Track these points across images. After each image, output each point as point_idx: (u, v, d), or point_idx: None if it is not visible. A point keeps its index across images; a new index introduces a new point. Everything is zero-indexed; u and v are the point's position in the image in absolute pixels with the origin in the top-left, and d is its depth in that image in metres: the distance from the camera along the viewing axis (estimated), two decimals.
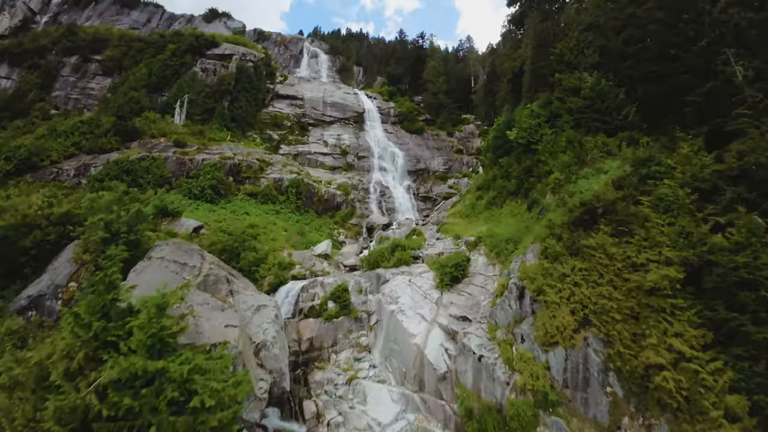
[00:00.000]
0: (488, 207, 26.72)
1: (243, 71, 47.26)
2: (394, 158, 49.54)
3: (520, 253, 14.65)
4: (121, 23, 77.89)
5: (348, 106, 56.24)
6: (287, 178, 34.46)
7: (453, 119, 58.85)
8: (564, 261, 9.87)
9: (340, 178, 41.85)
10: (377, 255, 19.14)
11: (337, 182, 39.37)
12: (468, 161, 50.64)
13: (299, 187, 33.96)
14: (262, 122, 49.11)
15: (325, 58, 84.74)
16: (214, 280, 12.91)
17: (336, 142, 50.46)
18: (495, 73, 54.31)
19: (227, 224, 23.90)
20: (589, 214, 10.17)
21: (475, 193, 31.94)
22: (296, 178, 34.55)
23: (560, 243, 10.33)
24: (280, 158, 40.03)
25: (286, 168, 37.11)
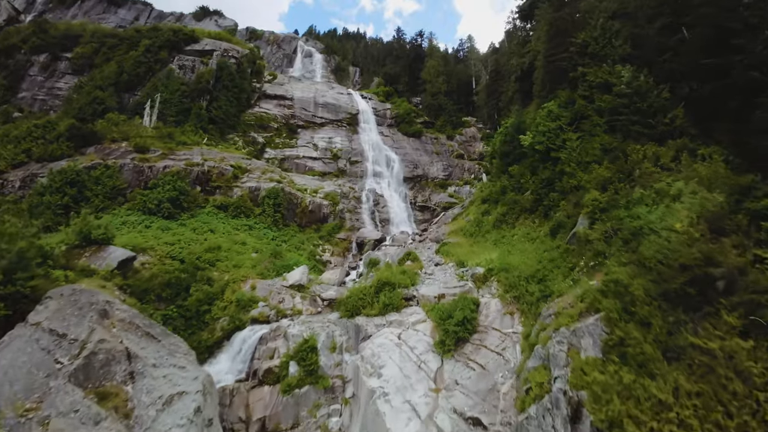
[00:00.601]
0: (497, 225, 22.52)
1: (224, 68, 43.14)
2: (389, 163, 45.39)
3: (551, 302, 10.46)
4: (107, 21, 73.80)
5: (341, 107, 52.14)
6: (265, 187, 30.25)
7: (453, 122, 54.77)
8: (658, 371, 5.65)
9: (329, 186, 37.67)
10: (358, 297, 14.90)
11: (325, 190, 35.19)
12: (470, 167, 46.47)
13: (278, 197, 29.74)
14: (245, 124, 44.95)
15: (320, 58, 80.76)
16: (105, 360, 8.68)
17: (327, 145, 46.32)
18: (499, 73, 50.25)
19: (181, 247, 19.67)
20: (696, 284, 5.97)
21: (481, 207, 27.75)
22: (276, 187, 30.35)
23: (647, 334, 6.09)
24: (261, 164, 35.83)
25: (266, 175, 32.91)
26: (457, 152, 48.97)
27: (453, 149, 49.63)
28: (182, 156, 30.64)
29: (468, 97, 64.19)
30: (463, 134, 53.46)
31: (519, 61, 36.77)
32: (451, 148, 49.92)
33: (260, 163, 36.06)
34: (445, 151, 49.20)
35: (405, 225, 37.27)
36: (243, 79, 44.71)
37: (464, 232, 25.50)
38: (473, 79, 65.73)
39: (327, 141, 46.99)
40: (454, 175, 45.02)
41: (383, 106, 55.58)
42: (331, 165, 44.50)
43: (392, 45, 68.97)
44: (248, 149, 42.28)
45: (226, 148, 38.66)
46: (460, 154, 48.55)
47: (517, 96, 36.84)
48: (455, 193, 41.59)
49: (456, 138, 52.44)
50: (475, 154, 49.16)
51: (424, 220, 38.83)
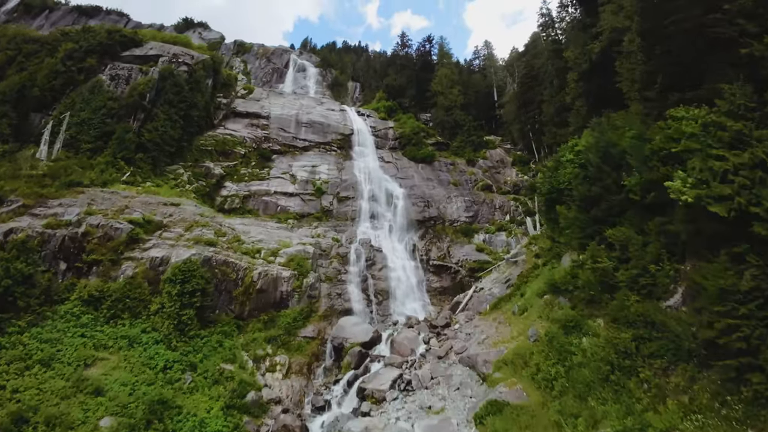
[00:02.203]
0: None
1: (168, 78, 32.29)
2: (391, 200, 33.50)
3: None
4: None
5: (330, 127, 40.89)
6: (180, 257, 18.44)
7: (473, 142, 42.96)
8: None
9: (302, 238, 25.77)
10: None
11: (291, 250, 23.25)
12: (502, 203, 34.21)
13: (194, 277, 17.79)
14: (199, 150, 33.77)
15: (314, 72, 70.61)
16: None
17: (309, 176, 34.81)
18: (535, 78, 38.54)
19: None
20: None
21: (543, 293, 15.44)
22: (195, 257, 18.57)
23: None
24: (192, 212, 24.15)
25: (192, 232, 21.23)
26: (481, 182, 36.88)
27: (476, 178, 37.59)
28: (53, 208, 19.13)
29: (489, 112, 52.58)
30: (487, 158, 41.49)
31: (580, 52, 24.86)
32: (473, 176, 37.89)
33: (192, 208, 24.33)
34: (465, 181, 37.17)
35: (413, 299, 24.96)
36: (197, 92, 33.76)
37: (521, 356, 13.04)
38: (494, 91, 54.23)
39: (309, 170, 35.50)
40: (481, 215, 32.78)
41: (384, 125, 44.20)
42: (313, 203, 32.82)
43: (396, 53, 58.21)
44: (197, 185, 30.95)
45: (156, 186, 27.29)
46: (487, 185, 36.42)
47: (581, 102, 24.86)
48: (486, 244, 29.29)
49: (479, 163, 40.46)
50: (507, 185, 36.98)
51: (443, 289, 26.47)
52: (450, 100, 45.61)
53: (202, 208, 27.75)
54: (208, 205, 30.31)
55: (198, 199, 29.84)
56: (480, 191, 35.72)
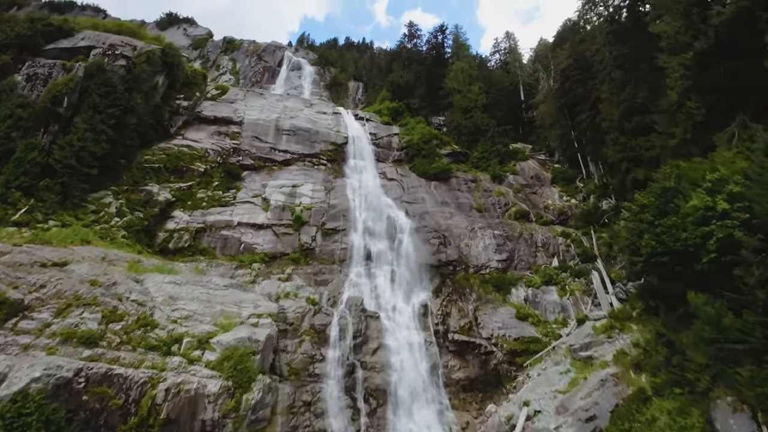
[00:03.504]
0: None
1: (97, 75, 24.30)
2: (394, 234, 24.96)
3: None
4: None
5: (319, 135, 32.59)
6: (17, 381, 10.16)
7: (499, 152, 34.22)
8: None
9: (257, 305, 17.33)
10: None
11: (227, 339, 14.69)
12: (546, 239, 25.27)
13: (29, 418, 9.41)
14: (140, 169, 25.71)
15: (311, 71, 62.44)
16: None
17: (286, 200, 26.52)
18: (585, 70, 29.63)
19: None
20: None
21: None
22: (49, 377, 10.58)
23: None
24: (88, 274, 15.85)
25: (65, 317, 13.02)
26: (514, 207, 28.04)
27: (506, 201, 28.78)
28: None
29: (515, 114, 43.71)
30: (518, 172, 32.66)
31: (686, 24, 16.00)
32: (501, 198, 29.09)
33: (83, 273, 15.92)
34: (492, 205, 28.40)
35: (425, 401, 16.29)
36: (136, 92, 25.65)
37: None
38: (521, 89, 45.32)
39: (288, 192, 27.19)
40: (517, 257, 23.95)
41: (388, 131, 35.74)
42: (289, 239, 24.47)
43: (402, 46, 49.61)
44: (130, 218, 22.89)
45: (58, 227, 19.25)
46: (522, 211, 27.55)
47: (695, 100, 15.93)
48: (528, 305, 20.47)
49: (508, 180, 31.66)
50: (549, 211, 28.02)
51: (469, 382, 17.68)
52: (469, 99, 36.94)
53: (124, 253, 19.66)
54: (143, 244, 22.35)
55: (129, 239, 21.91)
56: (513, 220, 26.89)
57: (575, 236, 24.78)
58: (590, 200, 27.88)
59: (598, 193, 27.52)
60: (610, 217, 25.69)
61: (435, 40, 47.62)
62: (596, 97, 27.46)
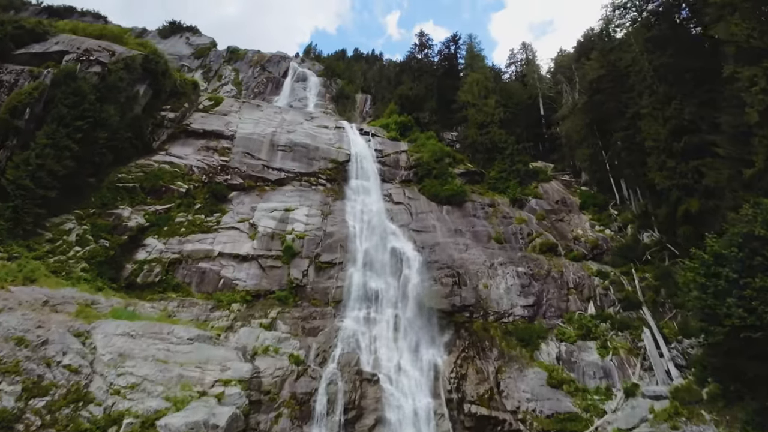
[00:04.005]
0: None
1: (65, 84, 21.40)
2: (399, 269, 21.38)
3: None
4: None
5: (318, 151, 29.39)
6: None
7: (518, 172, 30.63)
8: None
9: (224, 366, 13.82)
10: None
11: (177, 422, 11.16)
12: (578, 279, 21.38)
13: None
14: (112, 189, 22.63)
15: (316, 82, 59.74)
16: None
17: (277, 226, 23.20)
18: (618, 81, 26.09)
19: None
20: None
21: None
22: None
23: None
24: (14, 327, 12.45)
25: None
26: (539, 237, 24.30)
27: (530, 230, 25.04)
28: None
29: (533, 130, 40.20)
30: (541, 195, 28.97)
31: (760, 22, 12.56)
32: (523, 226, 25.38)
33: (12, 323, 12.60)
34: (513, 234, 24.69)
35: None
36: (111, 103, 22.68)
37: None
38: (540, 104, 41.88)
39: (280, 217, 23.87)
40: (546, 300, 20.11)
41: (395, 147, 32.43)
42: (277, 273, 21.08)
43: (411, 56, 46.61)
44: (94, 246, 19.77)
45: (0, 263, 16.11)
46: (550, 244, 23.75)
47: None
48: (562, 366, 16.60)
49: (530, 204, 27.96)
50: (580, 243, 24.11)
51: None
52: (485, 113, 33.56)
53: (79, 292, 16.48)
54: (106, 279, 19.19)
55: (89, 273, 18.85)
56: (539, 254, 23.10)
57: (614, 276, 20.91)
58: (628, 232, 24.08)
59: (638, 223, 23.74)
60: (654, 253, 21.87)
61: (447, 50, 44.63)
62: (634, 113, 23.85)
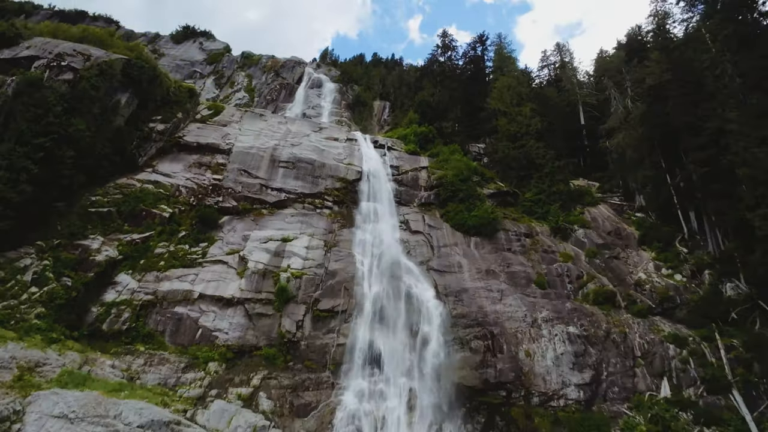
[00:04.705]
0: None
1: (31, 94, 18.16)
2: (417, 324, 17.02)
3: None
4: None
5: (325, 168, 25.47)
6: None
7: (560, 193, 25.83)
8: None
9: None
10: None
11: None
12: (646, 345, 16.42)
13: None
14: (83, 216, 19.31)
15: (332, 89, 56.23)
16: None
17: (270, 260, 19.44)
18: (692, 86, 21.04)
19: None
20: None
21: None
22: None
23: None
24: None
25: None
26: (592, 282, 19.45)
27: (578, 271, 20.23)
28: None
29: (572, 142, 35.18)
30: (589, 224, 24.07)
31: None
32: (570, 265, 20.58)
33: None
34: (559, 276, 19.91)
35: None
36: (81, 115, 19.33)
37: None
38: (581, 112, 36.86)
39: (275, 249, 20.06)
40: (606, 376, 15.32)
41: (413, 163, 28.20)
42: (266, 323, 17.23)
43: (433, 58, 42.24)
44: (54, 286, 16.55)
45: None
46: (607, 293, 18.79)
47: None
48: None
49: (576, 235, 23.13)
50: (644, 291, 19.06)
51: None
52: (518, 124, 28.94)
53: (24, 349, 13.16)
54: (65, 326, 15.84)
55: (45, 320, 15.64)
56: (592, 304, 18.29)
57: (693, 343, 15.92)
58: (704, 279, 18.98)
59: (718, 269, 18.62)
60: (743, 312, 16.80)
61: (473, 52, 40.14)
62: (717, 129, 18.85)
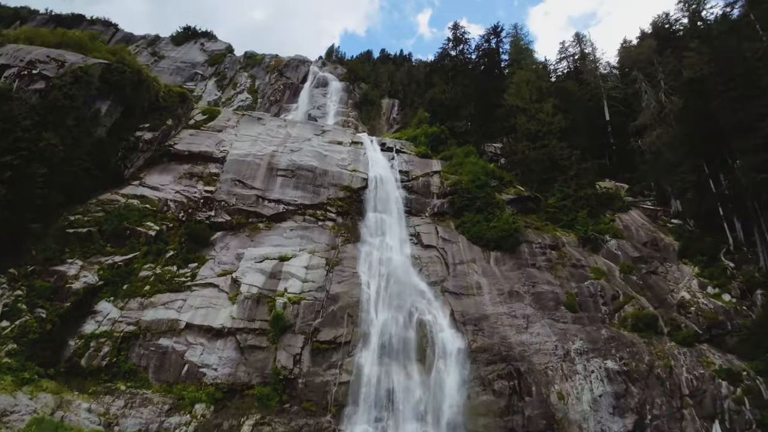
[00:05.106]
0: None
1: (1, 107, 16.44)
2: (431, 357, 14.77)
3: None
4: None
5: (327, 175, 23.35)
6: None
7: (587, 198, 23.24)
8: None
9: None
10: None
11: None
12: (696, 381, 13.90)
13: None
14: (60, 238, 17.62)
15: (338, 88, 53.98)
16: None
17: (266, 283, 17.53)
18: (740, 79, 18.25)
19: None
20: None
21: None
22: None
23: None
24: None
25: None
26: (629, 304, 16.93)
27: (613, 290, 17.72)
28: None
29: (597, 139, 32.33)
30: (621, 233, 21.44)
31: None
32: (603, 283, 18.06)
33: None
34: (592, 297, 17.42)
35: None
36: (54, 128, 17.52)
37: None
38: (605, 105, 33.98)
39: (270, 270, 18.18)
40: (651, 420, 12.86)
41: (425, 167, 25.91)
42: (259, 357, 15.26)
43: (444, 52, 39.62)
44: (26, 320, 14.92)
45: None
46: (648, 317, 16.24)
47: None
48: None
49: (608, 247, 20.53)
50: (692, 315, 16.45)
51: None
52: (539, 122, 26.37)
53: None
54: (39, 364, 14.24)
55: (17, 357, 14.17)
56: (631, 330, 15.81)
57: (747, 379, 13.38)
58: (756, 299, 16.31)
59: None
60: None
61: (487, 45, 37.50)
62: None
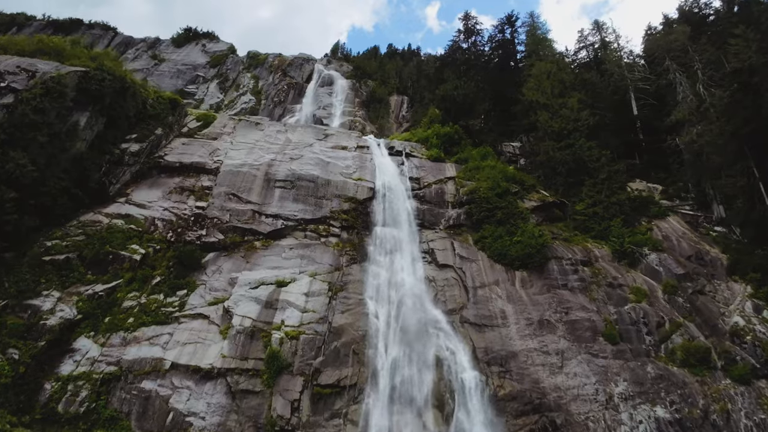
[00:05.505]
0: None
1: None
2: (450, 402, 12.65)
3: None
4: None
5: (330, 186, 21.26)
6: None
7: (620, 205, 20.65)
8: None
9: None
10: None
11: None
12: (759, 427, 11.58)
13: None
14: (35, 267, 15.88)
15: (344, 86, 51.74)
16: None
17: (260, 314, 15.57)
18: None
19: None
20: None
21: None
22: None
23: None
24: None
25: None
26: (678, 334, 14.46)
27: (657, 316, 15.27)
28: None
29: (625, 136, 29.50)
30: (661, 245, 18.84)
31: None
32: (645, 306, 15.63)
33: None
34: (634, 325, 14.99)
35: None
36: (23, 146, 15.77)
37: None
38: (632, 98, 31.06)
39: (266, 298, 16.25)
40: None
41: (438, 172, 23.60)
42: (252, 404, 13.25)
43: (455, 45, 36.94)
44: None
45: None
46: (700, 350, 13.57)
47: None
48: None
49: (648, 262, 17.98)
50: (748, 346, 13.97)
51: None
52: (563, 118, 23.77)
53: None
54: (12, 409, 12.54)
55: None
56: (680, 366, 13.39)
57: None
58: None
59: None
60: None
61: (501, 36, 34.75)
62: None
